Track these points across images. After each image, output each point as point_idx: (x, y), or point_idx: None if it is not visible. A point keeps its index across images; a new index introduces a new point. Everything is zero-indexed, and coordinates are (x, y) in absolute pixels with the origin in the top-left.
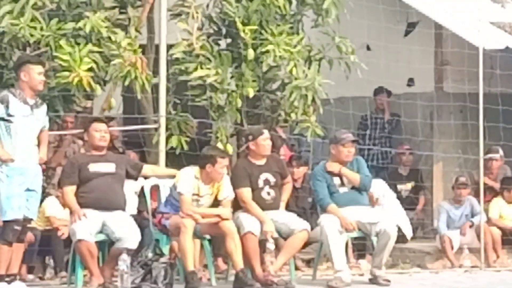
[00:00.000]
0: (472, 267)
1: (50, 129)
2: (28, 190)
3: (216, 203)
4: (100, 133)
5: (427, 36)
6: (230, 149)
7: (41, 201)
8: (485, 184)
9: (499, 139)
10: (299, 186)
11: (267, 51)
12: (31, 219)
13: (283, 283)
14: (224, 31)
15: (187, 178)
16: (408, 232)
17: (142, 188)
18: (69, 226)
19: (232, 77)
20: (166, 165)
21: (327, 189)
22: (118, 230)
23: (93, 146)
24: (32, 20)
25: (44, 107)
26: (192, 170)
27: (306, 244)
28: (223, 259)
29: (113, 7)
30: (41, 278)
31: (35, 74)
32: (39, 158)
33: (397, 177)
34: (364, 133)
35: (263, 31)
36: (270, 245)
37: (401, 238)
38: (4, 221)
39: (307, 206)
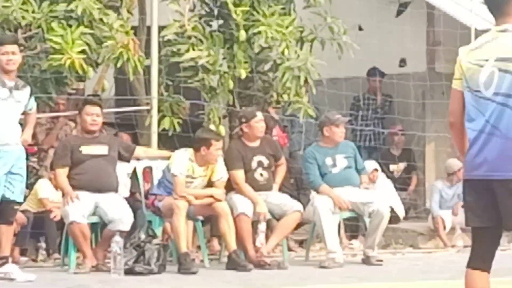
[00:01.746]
0: (465, 247)
1: (42, 111)
2: (10, 173)
3: (210, 184)
4: (92, 116)
5: (419, 16)
6: (222, 130)
7: (34, 183)
8: None
9: None
10: None
11: (259, 32)
12: (18, 202)
13: (276, 264)
14: (216, 12)
15: (181, 160)
16: (401, 212)
17: (135, 170)
18: (61, 208)
19: (224, 58)
20: (159, 147)
21: (318, 170)
22: (111, 212)
23: (85, 129)
24: (23, 2)
25: (27, 89)
26: (186, 152)
27: (299, 225)
28: (219, 240)
29: None
30: (34, 260)
31: (0, 55)
32: (23, 139)
33: (389, 157)
34: (356, 113)
35: (254, 12)
36: (261, 226)
37: (393, 218)
38: None
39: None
